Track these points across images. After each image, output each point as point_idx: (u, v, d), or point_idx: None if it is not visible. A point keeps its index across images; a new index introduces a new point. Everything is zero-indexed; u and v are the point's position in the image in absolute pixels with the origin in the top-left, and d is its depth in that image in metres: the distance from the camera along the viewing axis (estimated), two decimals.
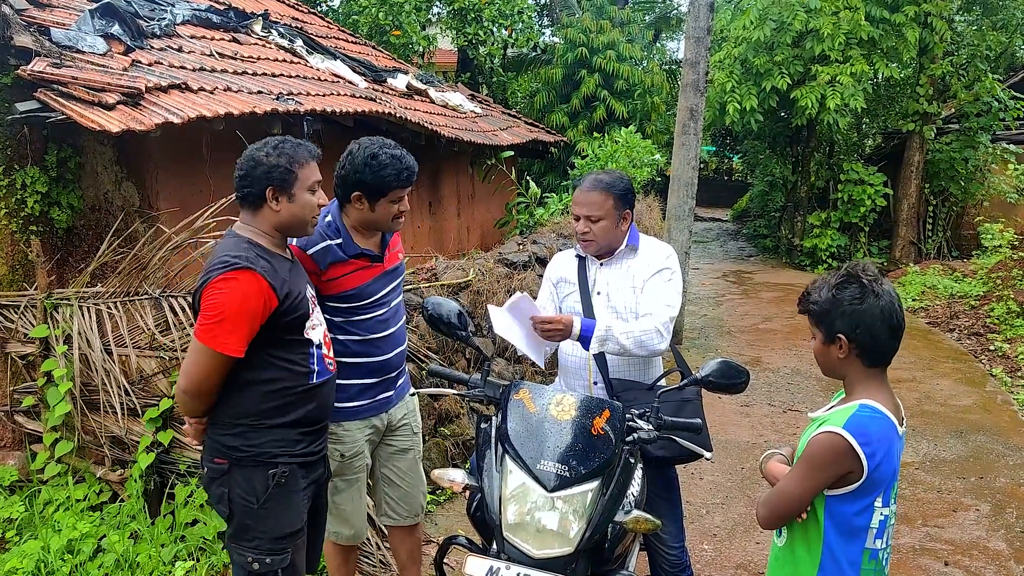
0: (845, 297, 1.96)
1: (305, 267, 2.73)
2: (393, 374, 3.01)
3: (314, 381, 2.55)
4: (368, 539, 3.69)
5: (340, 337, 2.86)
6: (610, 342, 2.73)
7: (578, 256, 3.06)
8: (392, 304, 2.97)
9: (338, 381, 2.88)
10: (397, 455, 3.14)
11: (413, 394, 2.88)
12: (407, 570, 3.32)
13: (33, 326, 4.02)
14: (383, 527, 3.86)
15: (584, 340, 2.74)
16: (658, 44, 20.20)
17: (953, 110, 13.19)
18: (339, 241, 2.79)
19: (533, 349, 2.85)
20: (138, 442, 3.76)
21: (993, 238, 9.73)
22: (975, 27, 13.44)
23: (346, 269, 2.81)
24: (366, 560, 3.70)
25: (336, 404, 2.94)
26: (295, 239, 2.69)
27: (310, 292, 2.60)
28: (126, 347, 3.83)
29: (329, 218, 2.82)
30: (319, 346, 2.59)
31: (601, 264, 2.99)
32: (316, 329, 2.58)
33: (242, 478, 2.46)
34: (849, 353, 1.99)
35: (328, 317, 2.82)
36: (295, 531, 2.54)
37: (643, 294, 2.89)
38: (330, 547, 3.15)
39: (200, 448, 2.58)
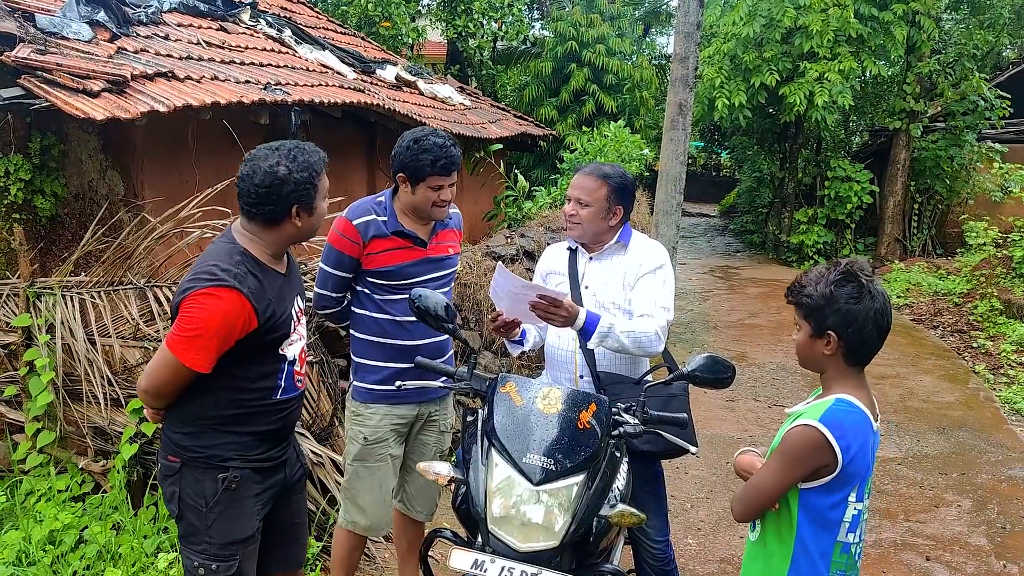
0: (842, 295, 1.96)
1: (348, 237, 2.87)
2: None
3: (277, 397, 2.46)
4: None
5: (376, 315, 2.95)
6: (610, 339, 2.69)
7: (569, 249, 3.07)
8: None
9: (370, 362, 3.00)
10: (421, 449, 3.16)
11: (401, 387, 2.85)
12: (406, 559, 3.32)
13: (15, 315, 3.98)
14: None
15: (585, 334, 2.68)
16: (648, 39, 20.21)
17: (940, 108, 13.27)
18: (384, 218, 2.91)
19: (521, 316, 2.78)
20: (121, 433, 3.73)
21: (977, 236, 9.83)
22: (963, 26, 13.52)
23: (387, 245, 2.90)
24: None
25: (366, 385, 2.99)
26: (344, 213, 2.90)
27: (297, 307, 2.51)
28: (110, 337, 3.80)
29: (382, 198, 2.97)
30: (292, 362, 2.49)
31: (591, 258, 2.99)
32: (294, 345, 2.50)
33: (192, 479, 2.38)
34: (836, 350, 1.99)
35: (367, 292, 2.96)
36: (245, 538, 2.42)
37: (635, 292, 2.88)
38: (343, 534, 3.11)
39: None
